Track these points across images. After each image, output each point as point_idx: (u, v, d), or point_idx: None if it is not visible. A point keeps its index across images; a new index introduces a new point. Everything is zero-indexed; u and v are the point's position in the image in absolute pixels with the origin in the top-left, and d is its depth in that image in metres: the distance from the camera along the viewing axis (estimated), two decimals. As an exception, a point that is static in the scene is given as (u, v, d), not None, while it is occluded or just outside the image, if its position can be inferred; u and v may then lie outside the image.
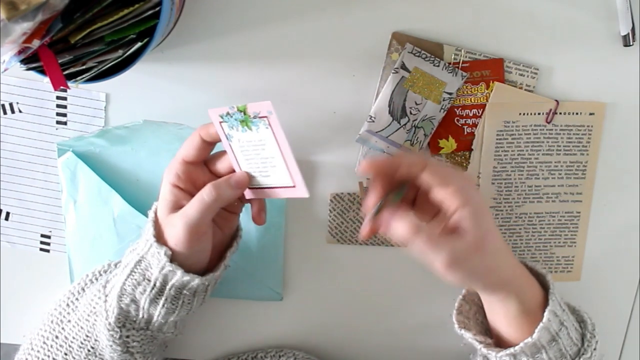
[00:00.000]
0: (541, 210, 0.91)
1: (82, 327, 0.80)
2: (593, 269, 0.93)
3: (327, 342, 0.96)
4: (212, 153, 0.78)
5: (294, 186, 0.73)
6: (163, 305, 0.77)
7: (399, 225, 0.68)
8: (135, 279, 0.75)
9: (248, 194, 0.78)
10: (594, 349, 0.76)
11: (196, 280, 0.75)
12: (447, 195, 0.69)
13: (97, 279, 0.86)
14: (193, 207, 0.72)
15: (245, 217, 0.82)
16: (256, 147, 0.73)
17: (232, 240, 0.82)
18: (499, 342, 0.78)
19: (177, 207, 0.75)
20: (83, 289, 0.85)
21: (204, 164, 0.78)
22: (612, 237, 0.93)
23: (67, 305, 0.84)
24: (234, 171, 0.76)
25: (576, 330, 0.77)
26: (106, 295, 0.79)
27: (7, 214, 0.92)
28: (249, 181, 0.75)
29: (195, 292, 0.78)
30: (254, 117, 0.72)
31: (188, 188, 0.75)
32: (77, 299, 0.84)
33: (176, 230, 0.73)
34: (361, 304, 0.95)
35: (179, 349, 0.96)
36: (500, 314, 0.76)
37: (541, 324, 0.72)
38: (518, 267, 0.76)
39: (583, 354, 0.76)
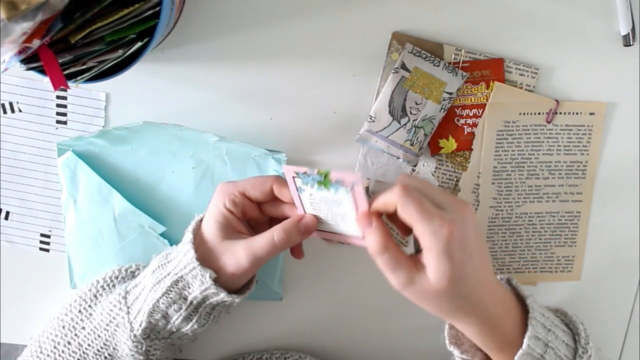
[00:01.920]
0: (541, 210, 0.91)
1: (99, 336, 0.80)
2: (593, 269, 0.93)
3: (327, 342, 0.96)
4: None
5: (363, 237, 0.73)
6: (196, 321, 0.78)
7: (370, 237, 0.70)
8: (171, 298, 0.76)
9: (315, 234, 0.79)
10: None
11: (236, 299, 0.77)
12: (418, 235, 0.68)
13: (109, 286, 0.86)
14: (262, 245, 0.74)
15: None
16: (329, 204, 0.73)
17: None
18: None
19: (229, 230, 0.76)
20: (95, 296, 0.84)
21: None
22: (612, 236, 0.93)
23: (80, 312, 0.83)
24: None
25: (567, 347, 0.75)
26: (128, 307, 0.79)
27: (7, 213, 0.92)
28: (317, 225, 0.76)
29: (228, 308, 0.80)
30: (335, 182, 0.71)
31: (239, 215, 0.78)
32: (89, 306, 0.84)
33: (239, 260, 0.75)
34: (361, 304, 0.95)
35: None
36: (478, 344, 0.75)
37: (520, 351, 0.71)
38: (492, 305, 0.72)
39: None
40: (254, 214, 0.79)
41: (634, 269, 0.94)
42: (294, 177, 0.73)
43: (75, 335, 0.82)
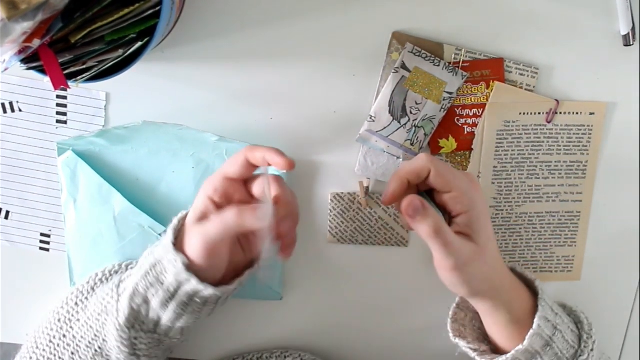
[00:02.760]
0: (541, 209, 0.91)
1: (91, 327, 0.80)
2: (593, 269, 0.93)
3: (327, 342, 0.96)
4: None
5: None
6: (173, 310, 0.76)
7: (424, 223, 0.69)
8: (149, 281, 0.75)
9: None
10: (591, 350, 0.76)
11: (209, 290, 0.74)
12: (450, 199, 0.70)
13: (107, 279, 0.86)
14: (213, 225, 0.72)
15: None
16: None
17: (253, 261, 0.81)
18: (497, 349, 0.79)
19: (205, 218, 0.75)
20: (93, 289, 0.85)
21: (243, 183, 0.78)
22: (612, 236, 0.93)
23: (76, 304, 0.84)
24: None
25: (572, 332, 0.77)
26: (119, 295, 0.79)
27: (7, 212, 0.93)
28: (272, 215, 0.73)
29: (206, 302, 0.77)
30: None
31: (222, 203, 0.76)
32: (86, 298, 0.84)
33: (193, 242, 0.73)
34: (361, 304, 0.95)
35: (177, 348, 0.96)
36: (490, 323, 0.77)
37: (531, 331, 0.73)
38: (508, 275, 0.76)
39: (580, 355, 0.76)
40: (240, 195, 0.76)
41: (634, 268, 0.94)
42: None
43: (70, 327, 0.82)
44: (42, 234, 0.93)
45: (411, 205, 0.69)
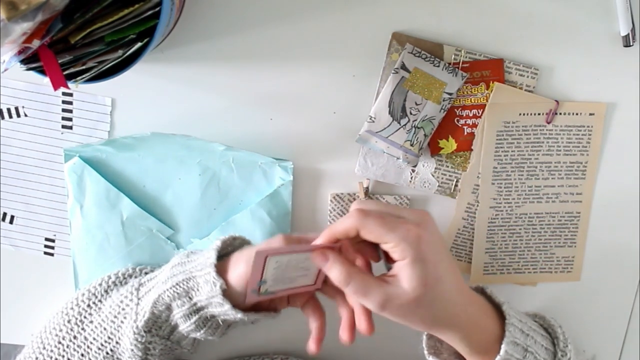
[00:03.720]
0: (541, 210, 0.91)
1: (105, 329, 0.80)
2: (593, 270, 0.93)
3: (327, 347, 0.96)
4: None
5: (314, 283, 0.77)
6: (194, 322, 0.77)
7: (331, 272, 0.70)
8: (177, 292, 0.76)
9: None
10: None
11: (238, 316, 0.75)
12: (388, 249, 0.68)
13: (121, 282, 0.86)
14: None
15: (250, 223, 0.82)
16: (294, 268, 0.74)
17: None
18: None
19: None
20: (106, 291, 0.84)
21: None
22: (611, 237, 0.92)
23: (89, 306, 0.83)
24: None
25: (546, 350, 0.75)
26: (139, 299, 0.79)
27: (12, 217, 0.93)
28: (327, 259, 0.72)
29: (225, 323, 0.79)
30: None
31: None
32: (100, 300, 0.84)
33: (240, 270, 0.74)
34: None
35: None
36: (458, 349, 0.75)
37: (498, 357, 0.71)
38: (469, 307, 0.73)
39: None
40: None
41: (634, 269, 0.93)
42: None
43: (82, 329, 0.82)
44: (46, 239, 0.94)
45: (315, 258, 0.71)
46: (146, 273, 0.87)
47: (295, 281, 0.75)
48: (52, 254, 0.94)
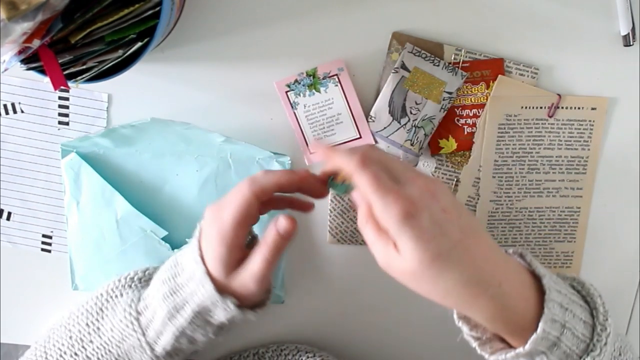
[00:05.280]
0: (541, 204, 0.91)
1: (110, 351, 0.79)
2: (592, 265, 0.93)
3: (329, 344, 0.96)
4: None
5: (360, 137, 0.78)
6: (220, 337, 0.79)
7: (359, 210, 0.67)
8: (197, 325, 0.76)
9: (315, 158, 0.83)
10: (605, 344, 0.68)
11: (251, 316, 0.77)
12: (376, 213, 0.64)
13: (112, 298, 0.83)
14: (260, 267, 0.73)
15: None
16: (322, 108, 0.77)
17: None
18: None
19: (230, 267, 0.74)
20: (101, 309, 0.82)
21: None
22: (612, 233, 0.93)
23: (87, 325, 0.81)
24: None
25: (584, 324, 0.68)
26: (144, 330, 0.78)
27: (9, 213, 0.93)
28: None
29: (236, 322, 0.79)
30: (324, 78, 0.78)
31: (240, 245, 0.75)
32: (97, 319, 0.81)
33: (249, 288, 0.73)
34: (363, 306, 0.95)
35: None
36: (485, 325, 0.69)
37: (535, 335, 0.65)
38: (499, 282, 0.65)
39: (591, 350, 0.67)
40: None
41: (634, 265, 0.93)
42: (287, 92, 0.74)
43: (83, 347, 0.81)
44: (43, 235, 0.94)
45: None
46: (131, 279, 0.84)
47: None
48: (49, 251, 0.94)
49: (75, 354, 0.81)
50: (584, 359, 0.68)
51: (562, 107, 0.88)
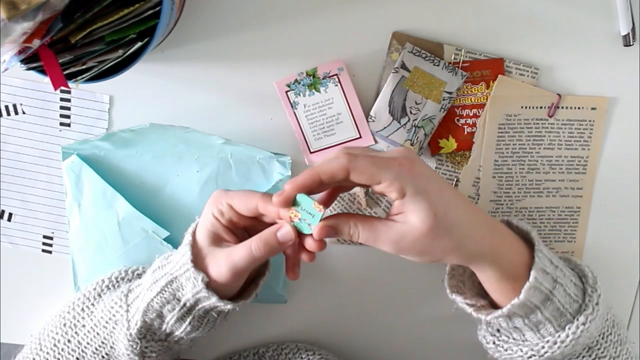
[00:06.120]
0: (541, 204, 0.91)
1: (98, 334, 0.80)
2: (592, 265, 0.92)
3: (331, 344, 0.96)
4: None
5: (360, 137, 0.79)
6: (189, 323, 0.77)
7: (340, 231, 0.70)
8: (165, 298, 0.75)
9: (316, 158, 0.84)
10: (596, 303, 0.72)
11: (228, 306, 0.75)
12: (382, 190, 0.67)
13: (114, 286, 0.85)
14: (241, 255, 0.72)
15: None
16: (322, 108, 0.78)
17: (263, 268, 0.82)
18: (496, 304, 0.76)
19: (217, 238, 0.75)
20: (99, 295, 0.84)
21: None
22: (611, 233, 0.93)
23: (82, 310, 0.83)
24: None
25: (575, 286, 0.73)
26: (128, 305, 0.79)
27: (10, 214, 0.93)
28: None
29: (222, 314, 0.78)
30: (323, 78, 0.78)
31: (227, 225, 0.75)
32: (92, 304, 0.83)
33: (220, 269, 0.73)
34: (365, 306, 0.95)
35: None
36: (483, 279, 0.74)
37: (528, 284, 0.69)
38: (493, 233, 0.72)
39: (584, 309, 0.72)
40: (246, 223, 0.76)
41: (634, 265, 0.93)
42: (287, 92, 0.74)
43: (76, 333, 0.82)
44: (44, 236, 0.94)
45: (322, 232, 0.70)
46: (139, 275, 0.87)
47: None
48: (50, 252, 0.94)
49: (69, 340, 0.82)
50: (578, 318, 0.72)
51: (562, 107, 0.88)
